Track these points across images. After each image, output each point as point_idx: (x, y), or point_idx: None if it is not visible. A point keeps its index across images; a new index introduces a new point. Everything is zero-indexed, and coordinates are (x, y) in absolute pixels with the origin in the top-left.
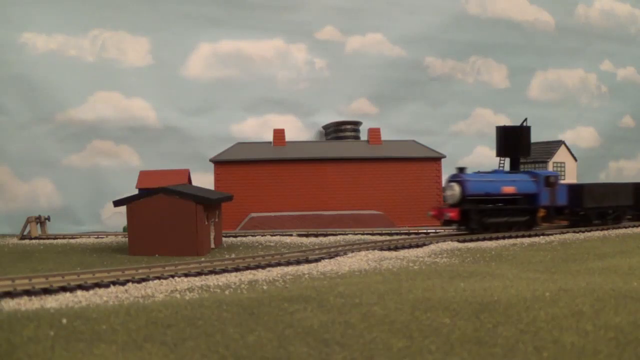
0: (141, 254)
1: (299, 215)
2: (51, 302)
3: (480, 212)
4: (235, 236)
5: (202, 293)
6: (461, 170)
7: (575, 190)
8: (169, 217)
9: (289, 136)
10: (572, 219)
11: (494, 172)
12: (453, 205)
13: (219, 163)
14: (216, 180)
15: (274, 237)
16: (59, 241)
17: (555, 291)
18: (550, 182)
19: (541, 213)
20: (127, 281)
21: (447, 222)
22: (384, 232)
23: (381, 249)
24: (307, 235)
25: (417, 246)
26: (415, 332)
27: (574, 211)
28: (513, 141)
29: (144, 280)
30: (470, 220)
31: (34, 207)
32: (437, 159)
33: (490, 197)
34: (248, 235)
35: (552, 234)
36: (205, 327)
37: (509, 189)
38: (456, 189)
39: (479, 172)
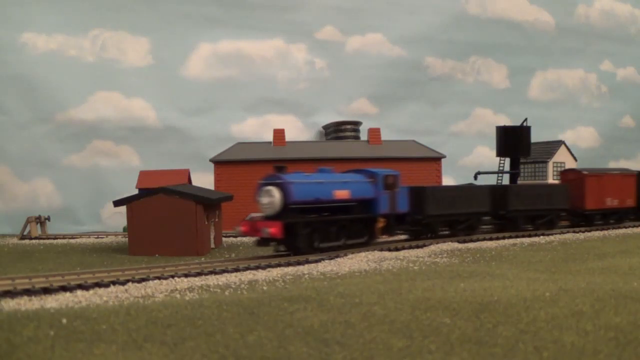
0: (141, 254)
1: None
2: (51, 302)
3: (308, 226)
4: (235, 236)
5: (202, 293)
6: (280, 169)
7: (418, 194)
8: (170, 217)
9: (289, 136)
10: (412, 230)
11: (320, 171)
12: (272, 217)
13: (219, 163)
14: (216, 180)
15: None
16: (59, 241)
17: (555, 291)
18: (389, 183)
19: (380, 223)
20: (127, 281)
21: (264, 241)
22: None
23: (381, 250)
24: None
25: (417, 247)
26: (415, 332)
27: (415, 220)
28: (513, 141)
29: (144, 280)
30: (297, 237)
31: (34, 207)
32: (437, 159)
33: (320, 204)
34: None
35: (552, 234)
36: (205, 327)
37: (341, 194)
38: (276, 194)
39: (301, 173)
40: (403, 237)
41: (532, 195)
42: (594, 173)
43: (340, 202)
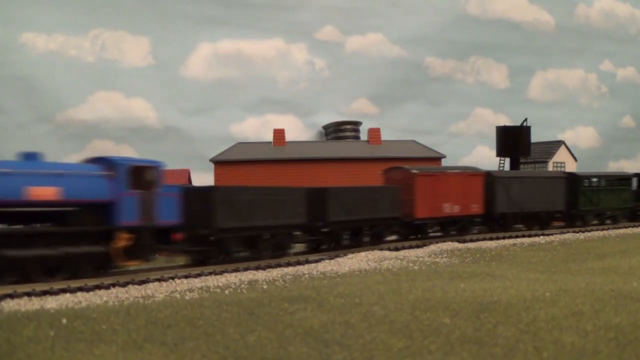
0: None
1: None
2: (51, 302)
3: None
4: None
5: (202, 293)
6: None
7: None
8: None
9: (289, 136)
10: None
11: (27, 158)
12: None
13: (219, 163)
14: (216, 180)
15: None
16: None
17: (555, 291)
18: (140, 178)
19: (121, 241)
20: (128, 283)
21: None
22: None
23: (381, 249)
24: None
25: (417, 246)
26: (415, 332)
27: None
28: (513, 141)
29: (143, 282)
30: None
31: None
32: (437, 158)
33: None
34: None
35: (552, 234)
36: (205, 327)
37: (44, 192)
38: None
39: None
40: (394, 237)
41: (354, 201)
42: (427, 172)
43: (42, 204)
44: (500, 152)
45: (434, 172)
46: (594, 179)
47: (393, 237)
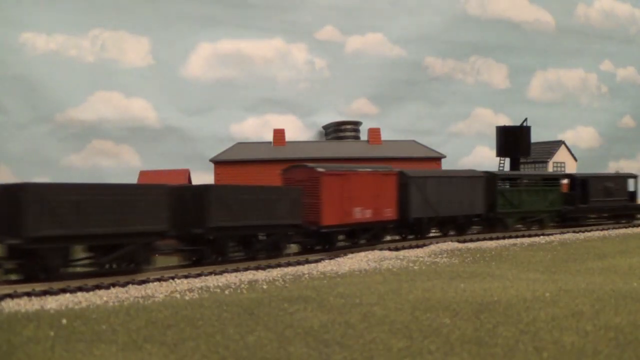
0: None
1: None
2: (51, 302)
3: None
4: None
5: (202, 293)
6: None
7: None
8: None
9: (289, 136)
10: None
11: None
12: None
13: (219, 163)
14: (216, 180)
15: None
16: None
17: (555, 291)
18: None
19: None
20: (128, 283)
21: None
22: None
23: (381, 249)
24: None
25: (417, 246)
26: (415, 332)
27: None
28: (513, 141)
29: (143, 282)
30: None
31: None
32: (437, 159)
33: None
34: None
35: (552, 234)
36: (205, 327)
37: None
38: None
39: None
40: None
41: (244, 203)
42: (335, 171)
43: None
44: (500, 152)
45: (343, 171)
46: (514, 179)
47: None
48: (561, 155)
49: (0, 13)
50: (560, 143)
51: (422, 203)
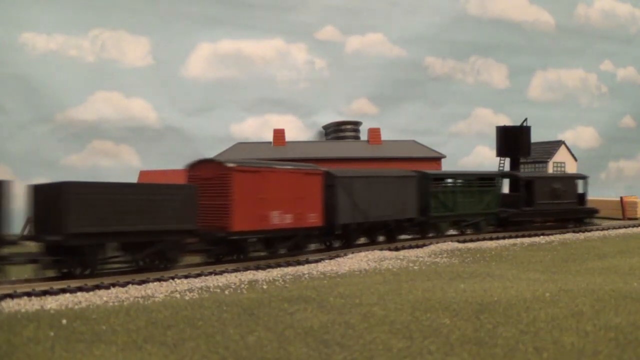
0: None
1: None
2: (51, 302)
3: None
4: None
5: (202, 293)
6: None
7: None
8: None
9: (289, 136)
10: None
11: None
12: None
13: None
14: None
15: None
16: None
17: (555, 291)
18: None
19: None
20: (128, 283)
21: None
22: None
23: (381, 249)
24: None
25: (417, 246)
26: (416, 332)
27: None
28: (513, 141)
29: (143, 282)
30: None
31: None
32: (437, 159)
33: None
34: None
35: (552, 234)
36: (205, 327)
37: None
38: None
39: None
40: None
41: (116, 204)
42: (248, 167)
43: None
44: (500, 152)
45: (259, 168)
46: (449, 179)
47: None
48: (561, 155)
49: (0, 13)
50: (560, 143)
51: (351, 207)
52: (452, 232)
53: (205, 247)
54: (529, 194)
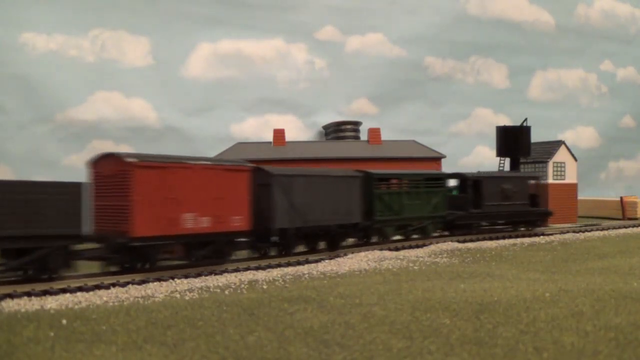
0: None
1: None
2: (51, 302)
3: None
4: None
5: (202, 293)
6: None
7: None
8: None
9: (289, 136)
10: None
11: None
12: None
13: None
14: None
15: None
16: None
17: (555, 292)
18: None
19: None
20: (128, 283)
21: None
22: None
23: (381, 249)
24: None
25: (417, 246)
26: (416, 332)
27: None
28: (513, 141)
29: (143, 282)
30: None
31: None
32: (437, 159)
33: None
34: None
35: (552, 234)
36: (205, 327)
37: None
38: None
39: None
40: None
41: None
42: (153, 162)
43: None
44: (500, 152)
45: (167, 163)
46: (394, 179)
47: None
48: (561, 155)
49: (0, 13)
50: (560, 143)
51: (289, 209)
52: (397, 237)
53: (104, 255)
54: (476, 195)
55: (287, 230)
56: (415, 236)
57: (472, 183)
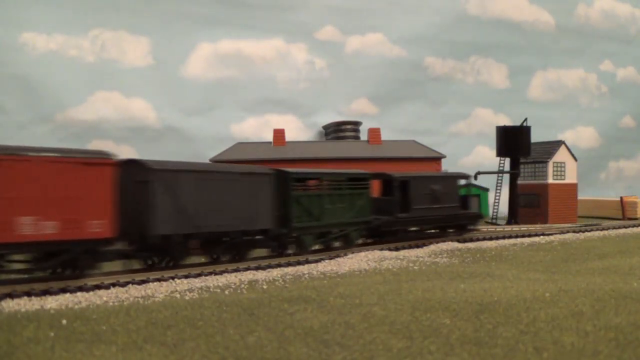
0: None
1: None
2: (51, 302)
3: None
4: None
5: (202, 293)
6: None
7: None
8: None
9: (289, 136)
10: None
11: None
12: None
13: (219, 163)
14: None
15: None
16: None
17: (555, 292)
18: None
19: None
20: (128, 283)
21: None
22: None
23: (381, 249)
24: None
25: (417, 246)
26: (416, 332)
27: None
28: (513, 141)
29: (144, 282)
30: None
31: None
32: (437, 159)
33: None
34: None
35: (552, 234)
36: (205, 327)
37: None
38: None
39: None
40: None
41: None
42: None
43: None
44: (500, 152)
45: None
46: (314, 179)
47: None
48: (561, 155)
49: (0, 13)
50: (560, 143)
51: (174, 212)
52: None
53: None
54: (404, 198)
55: (170, 237)
56: (336, 244)
57: (399, 184)
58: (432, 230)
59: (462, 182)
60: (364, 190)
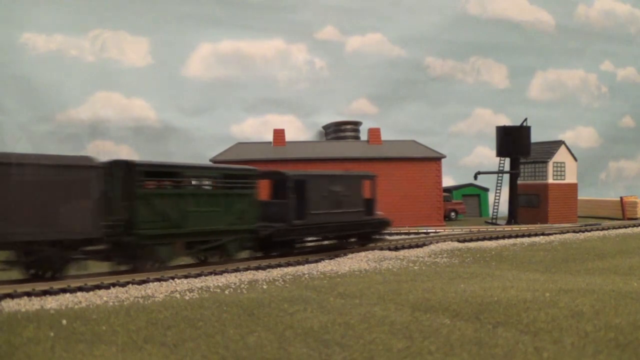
0: None
1: None
2: (51, 302)
3: None
4: None
5: (202, 293)
6: None
7: None
8: None
9: (289, 136)
10: None
11: None
12: None
13: (219, 163)
14: None
15: None
16: None
17: (555, 292)
18: None
19: None
20: (128, 283)
21: None
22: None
23: (381, 249)
24: None
25: (417, 246)
26: (415, 332)
27: None
28: (513, 141)
29: (144, 282)
30: None
31: None
32: (437, 159)
33: None
34: None
35: (552, 234)
36: (206, 328)
37: None
38: None
39: None
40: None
41: None
42: None
43: None
44: (500, 152)
45: None
46: (173, 175)
47: None
48: (561, 155)
49: (0, 13)
50: (560, 143)
51: None
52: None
53: None
54: (300, 201)
55: None
56: (212, 259)
57: (294, 184)
58: (328, 242)
59: (367, 182)
60: (248, 191)
